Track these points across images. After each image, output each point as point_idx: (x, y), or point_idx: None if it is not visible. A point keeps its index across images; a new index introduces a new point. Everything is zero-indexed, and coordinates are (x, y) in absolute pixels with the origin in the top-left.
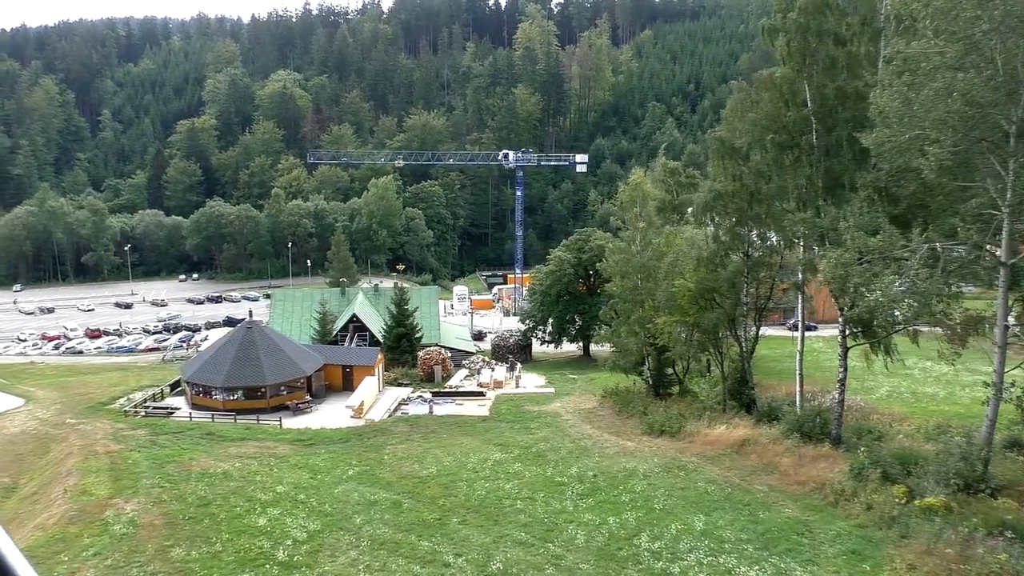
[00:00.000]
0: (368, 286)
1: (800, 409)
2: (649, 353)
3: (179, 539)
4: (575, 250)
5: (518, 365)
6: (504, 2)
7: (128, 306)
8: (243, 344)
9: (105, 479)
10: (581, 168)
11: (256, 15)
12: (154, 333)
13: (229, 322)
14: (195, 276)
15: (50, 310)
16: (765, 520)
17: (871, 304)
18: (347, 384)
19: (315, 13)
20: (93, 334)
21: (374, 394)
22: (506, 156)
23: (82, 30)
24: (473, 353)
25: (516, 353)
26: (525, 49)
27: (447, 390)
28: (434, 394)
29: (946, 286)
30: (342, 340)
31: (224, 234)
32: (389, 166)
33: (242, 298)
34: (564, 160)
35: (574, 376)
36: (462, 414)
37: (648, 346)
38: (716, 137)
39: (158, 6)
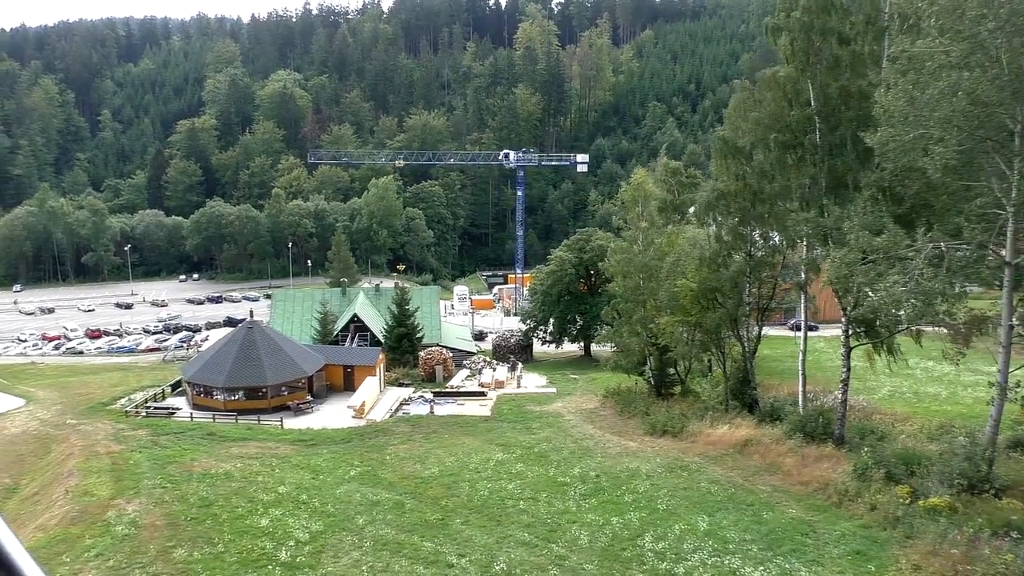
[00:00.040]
0: (369, 286)
1: (803, 409)
2: (651, 353)
3: (181, 540)
4: (576, 250)
5: (519, 365)
6: (504, 2)
7: (128, 306)
8: (244, 344)
9: (107, 480)
10: (582, 168)
11: (256, 15)
12: (154, 333)
13: (229, 322)
14: (195, 276)
15: (50, 310)
16: (769, 520)
17: (875, 304)
18: (348, 384)
19: (315, 13)
20: (93, 334)
21: (375, 394)
22: (507, 156)
23: (82, 30)
24: (474, 353)
25: (517, 353)
26: (525, 49)
27: (448, 390)
28: (435, 394)
29: (950, 286)
30: (343, 340)
31: (224, 234)
32: (389, 166)
33: (242, 298)
34: (565, 160)
35: (575, 376)
36: (464, 414)
37: (650, 346)
38: (719, 136)
39: (158, 6)
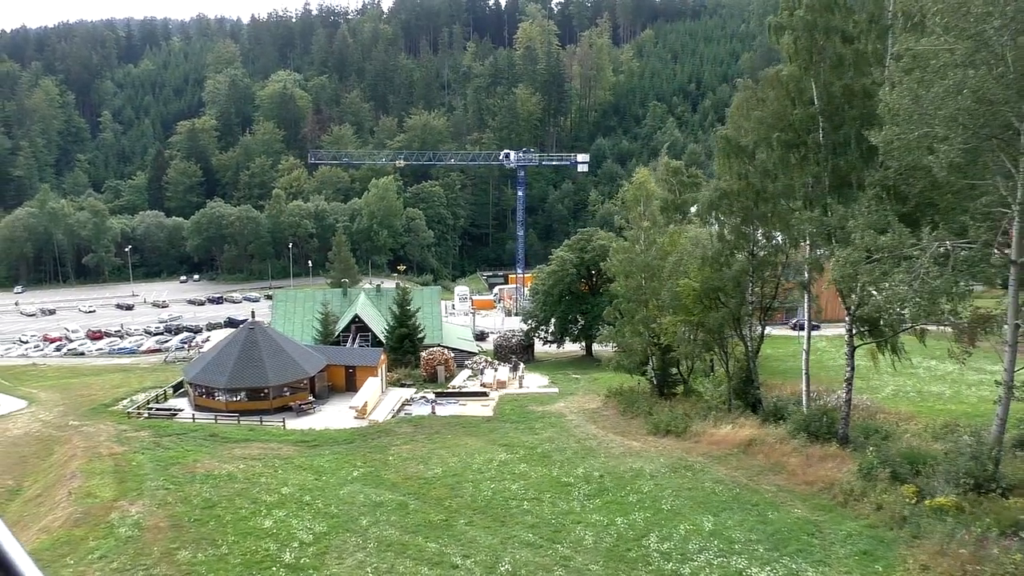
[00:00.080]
0: (370, 287)
1: (807, 408)
2: (653, 353)
3: (185, 541)
4: (577, 250)
5: (521, 365)
6: (504, 2)
7: (129, 307)
8: (246, 345)
9: (109, 481)
10: (582, 168)
11: (256, 15)
12: (156, 334)
13: (230, 323)
14: (196, 277)
15: (51, 312)
16: (774, 520)
17: (879, 303)
18: (350, 385)
19: (315, 13)
20: (95, 335)
21: (377, 395)
22: (507, 156)
23: (82, 31)
24: (476, 353)
25: (519, 353)
26: (526, 49)
27: (450, 391)
28: (437, 395)
29: (955, 284)
30: (344, 341)
31: (225, 235)
32: (390, 166)
33: (243, 299)
34: (565, 160)
35: (577, 376)
36: (466, 415)
37: (652, 346)
38: (722, 135)
39: (158, 7)
